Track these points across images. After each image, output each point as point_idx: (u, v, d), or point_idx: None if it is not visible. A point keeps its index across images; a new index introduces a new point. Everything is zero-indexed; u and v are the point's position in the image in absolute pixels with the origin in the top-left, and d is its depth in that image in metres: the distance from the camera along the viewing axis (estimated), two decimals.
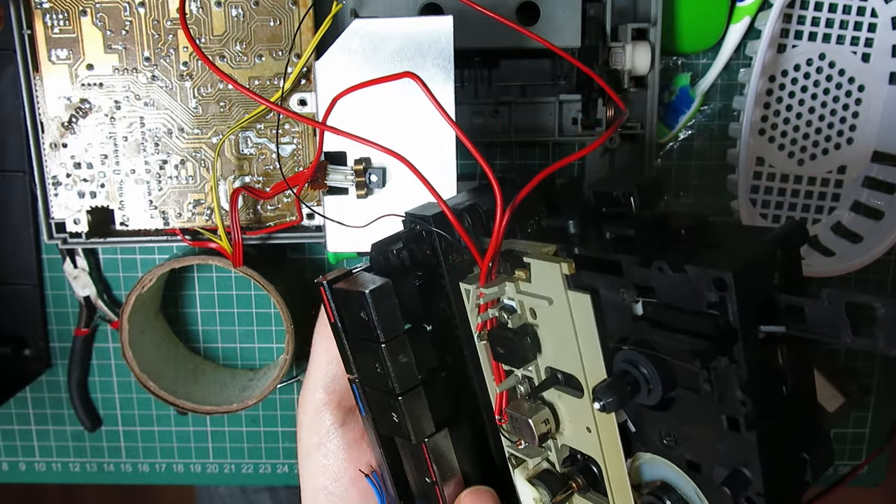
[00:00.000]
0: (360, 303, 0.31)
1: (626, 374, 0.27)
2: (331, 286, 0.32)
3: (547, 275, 0.28)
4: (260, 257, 0.54)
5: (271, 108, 0.46)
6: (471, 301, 0.31)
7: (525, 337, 0.30)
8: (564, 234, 0.31)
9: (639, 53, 0.49)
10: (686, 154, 0.58)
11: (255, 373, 0.62)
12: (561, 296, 0.28)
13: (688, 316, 0.26)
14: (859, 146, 0.56)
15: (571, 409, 0.31)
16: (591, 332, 0.28)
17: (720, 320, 0.25)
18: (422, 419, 0.33)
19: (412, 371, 0.32)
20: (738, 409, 0.26)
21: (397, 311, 0.31)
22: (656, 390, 0.27)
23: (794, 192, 0.57)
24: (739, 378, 0.25)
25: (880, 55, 0.54)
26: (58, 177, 0.50)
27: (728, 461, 0.27)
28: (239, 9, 0.48)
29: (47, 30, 0.48)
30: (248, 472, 0.65)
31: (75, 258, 0.59)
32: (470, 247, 0.30)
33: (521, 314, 0.30)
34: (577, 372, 0.29)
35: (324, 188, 0.44)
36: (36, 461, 0.66)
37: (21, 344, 0.62)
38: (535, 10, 0.48)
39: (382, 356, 0.31)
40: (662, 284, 0.26)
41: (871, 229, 0.56)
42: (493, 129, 0.53)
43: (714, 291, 0.25)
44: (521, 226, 0.32)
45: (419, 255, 0.32)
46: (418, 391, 0.32)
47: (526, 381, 0.32)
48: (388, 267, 0.32)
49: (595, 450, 0.31)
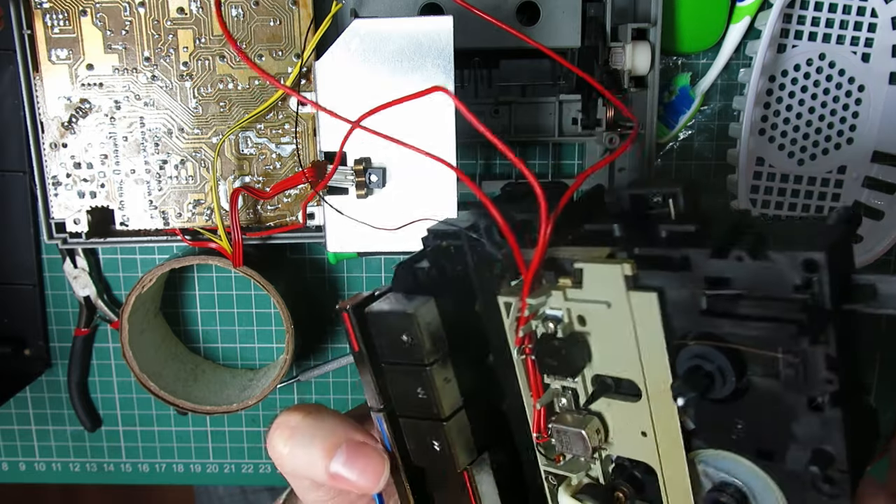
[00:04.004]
0: (404, 324, 0.29)
1: (699, 368, 0.27)
2: (357, 310, 0.31)
3: (604, 278, 0.28)
4: (260, 257, 0.54)
5: (304, 101, 0.46)
6: (511, 315, 0.30)
7: (576, 345, 0.29)
8: (611, 237, 0.30)
9: (639, 53, 0.49)
10: (686, 154, 0.58)
11: (255, 373, 0.62)
12: (621, 298, 0.28)
13: (769, 303, 0.26)
14: (859, 146, 0.56)
15: (623, 416, 0.30)
16: (656, 332, 0.28)
17: (809, 302, 0.25)
18: (464, 445, 0.32)
19: (455, 393, 0.31)
20: (824, 388, 0.26)
21: (442, 331, 0.30)
22: (729, 382, 0.27)
23: (794, 192, 0.57)
24: (828, 357, 0.25)
25: (880, 55, 0.54)
26: (58, 177, 0.50)
27: (806, 443, 0.27)
28: (239, 9, 0.48)
29: (47, 30, 0.48)
30: (248, 472, 0.65)
31: (75, 258, 0.59)
32: (517, 255, 0.29)
33: (568, 322, 0.29)
34: (636, 375, 0.29)
35: (324, 188, 0.44)
36: (36, 461, 0.66)
37: (21, 344, 0.62)
38: (535, 10, 0.48)
39: (428, 379, 0.30)
40: (741, 274, 0.26)
41: (871, 229, 0.56)
42: (495, 130, 0.53)
43: (801, 274, 0.25)
44: (559, 235, 0.31)
45: (449, 271, 0.31)
46: (461, 415, 0.31)
47: (568, 392, 0.31)
48: (416, 287, 0.31)
49: (651, 454, 0.30)
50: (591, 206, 0.34)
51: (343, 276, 0.61)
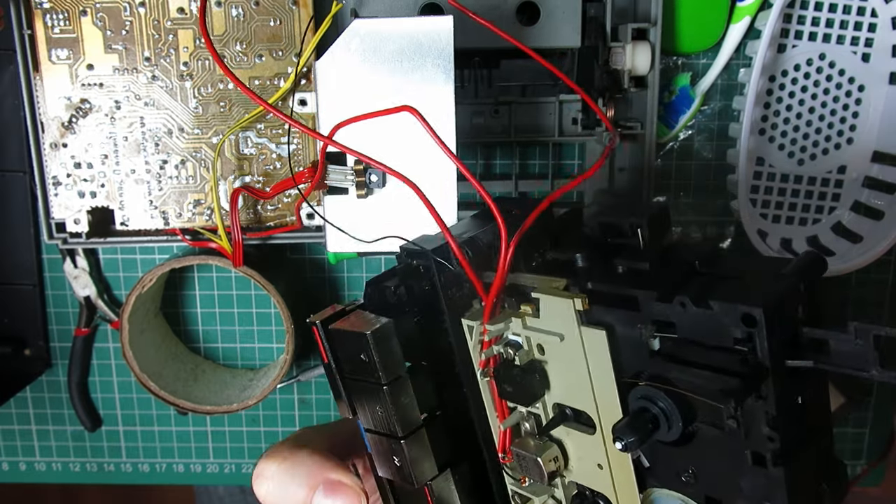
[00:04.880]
0: (359, 344, 0.30)
1: (645, 410, 0.27)
2: (325, 326, 0.31)
3: (558, 311, 0.28)
4: (260, 257, 0.54)
5: (286, 120, 0.46)
6: (474, 337, 0.30)
7: (533, 374, 0.29)
8: (572, 267, 0.30)
9: (639, 53, 0.49)
10: (686, 154, 0.58)
11: (255, 373, 0.62)
12: (573, 332, 0.28)
13: (711, 352, 0.25)
14: (859, 146, 0.56)
15: (581, 446, 0.30)
16: (605, 369, 0.27)
17: (748, 356, 0.24)
18: (424, 462, 0.32)
19: (414, 412, 0.31)
20: (765, 444, 0.25)
21: (399, 352, 0.30)
22: (676, 426, 0.26)
23: (794, 192, 0.57)
24: (767, 414, 0.25)
25: (880, 55, 0.54)
26: (58, 177, 0.50)
27: (751, 496, 0.27)
28: (239, 9, 0.48)
29: (47, 30, 0.48)
30: (248, 472, 0.65)
31: (75, 258, 0.59)
32: (475, 282, 0.29)
33: (527, 350, 0.29)
34: (590, 408, 0.29)
35: (324, 188, 0.44)
36: (36, 461, 0.66)
37: (21, 344, 0.62)
38: (534, 10, 0.48)
39: (384, 398, 0.30)
40: (684, 320, 0.26)
41: (871, 229, 0.56)
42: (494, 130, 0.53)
43: (742, 327, 0.24)
44: (526, 259, 0.31)
45: (417, 290, 0.31)
46: (420, 433, 0.32)
47: (532, 417, 0.31)
48: (384, 304, 0.31)
49: (607, 486, 0.30)
50: (568, 225, 0.34)
51: (343, 276, 0.61)
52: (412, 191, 0.43)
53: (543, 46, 0.49)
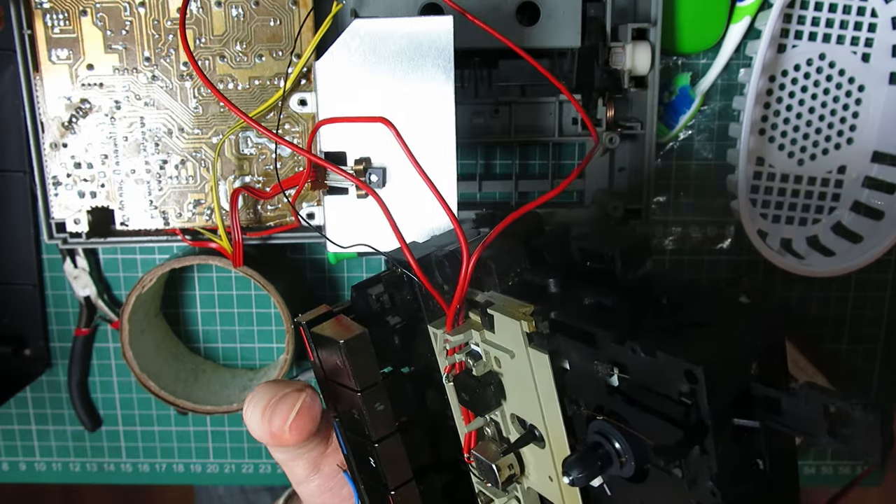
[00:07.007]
0: (335, 351, 0.31)
1: (599, 445, 0.27)
2: (309, 328, 0.32)
3: (509, 329, 0.29)
4: (260, 257, 0.54)
5: (266, 134, 0.46)
6: (439, 344, 0.32)
7: (488, 386, 0.30)
8: (545, 292, 0.31)
9: (639, 53, 0.49)
10: (686, 154, 0.58)
11: (255, 373, 0.62)
12: (522, 351, 0.28)
13: (661, 398, 0.25)
14: (859, 146, 0.56)
15: (535, 456, 0.31)
16: (549, 390, 0.28)
17: (691, 410, 0.24)
18: (398, 466, 0.33)
19: (389, 419, 0.32)
20: (708, 498, 0.25)
21: (374, 361, 0.31)
22: (629, 465, 0.26)
23: (794, 192, 0.57)
24: (710, 469, 0.25)
25: (880, 55, 0.54)
26: (58, 177, 0.50)
27: None
28: (239, 9, 0.48)
29: (47, 30, 0.48)
30: (248, 472, 0.65)
31: (75, 258, 0.59)
32: (434, 295, 0.30)
33: (486, 362, 0.31)
34: (539, 424, 0.30)
35: (324, 188, 0.44)
36: (36, 461, 0.66)
37: (21, 344, 0.62)
38: (535, 10, 0.48)
39: (358, 403, 0.31)
40: (636, 364, 0.26)
41: (871, 229, 0.56)
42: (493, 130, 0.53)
43: (685, 382, 0.24)
44: (504, 274, 0.32)
45: (399, 299, 0.32)
46: (395, 438, 0.33)
47: (493, 423, 0.32)
48: (368, 309, 0.32)
49: (556, 498, 0.31)
50: (554, 242, 0.34)
51: (343, 276, 0.61)
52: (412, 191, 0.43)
53: (543, 47, 0.49)
